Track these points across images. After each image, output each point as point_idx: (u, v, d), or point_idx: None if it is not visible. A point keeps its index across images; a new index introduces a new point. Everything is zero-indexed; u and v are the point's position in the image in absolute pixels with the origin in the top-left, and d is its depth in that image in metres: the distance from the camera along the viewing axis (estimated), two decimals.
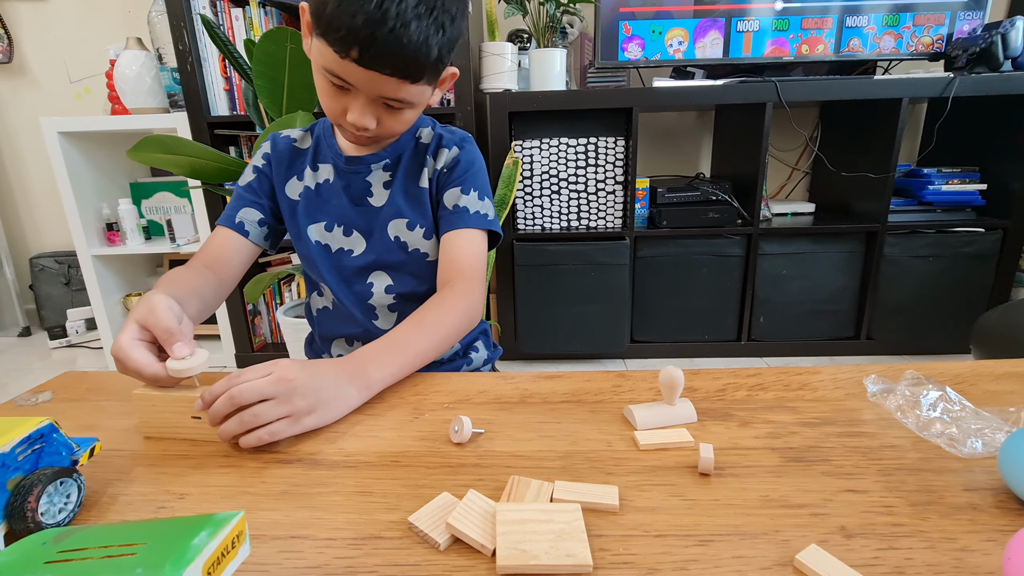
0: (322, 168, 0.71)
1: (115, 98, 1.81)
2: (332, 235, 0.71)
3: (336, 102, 0.60)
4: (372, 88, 0.57)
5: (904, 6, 1.66)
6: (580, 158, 1.70)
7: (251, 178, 0.72)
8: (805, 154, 2.07)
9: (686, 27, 1.69)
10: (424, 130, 0.73)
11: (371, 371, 0.51)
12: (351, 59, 0.54)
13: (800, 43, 1.70)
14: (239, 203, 0.71)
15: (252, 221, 0.71)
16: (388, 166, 0.71)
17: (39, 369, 1.98)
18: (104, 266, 1.91)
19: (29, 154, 2.23)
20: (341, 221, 0.71)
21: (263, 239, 0.72)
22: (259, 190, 0.72)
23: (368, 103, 0.59)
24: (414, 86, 0.58)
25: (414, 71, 0.56)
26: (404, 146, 0.71)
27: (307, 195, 0.71)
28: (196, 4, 1.62)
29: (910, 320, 1.76)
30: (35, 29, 2.10)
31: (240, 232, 0.70)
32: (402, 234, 0.70)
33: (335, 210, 0.70)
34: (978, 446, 0.39)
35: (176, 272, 0.62)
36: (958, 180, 1.71)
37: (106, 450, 0.44)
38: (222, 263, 0.68)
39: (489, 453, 0.43)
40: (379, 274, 0.72)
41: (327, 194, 0.71)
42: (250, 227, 0.70)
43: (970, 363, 0.55)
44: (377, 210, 0.70)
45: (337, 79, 0.57)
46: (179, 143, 1.25)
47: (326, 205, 0.71)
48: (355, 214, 0.71)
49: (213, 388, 0.43)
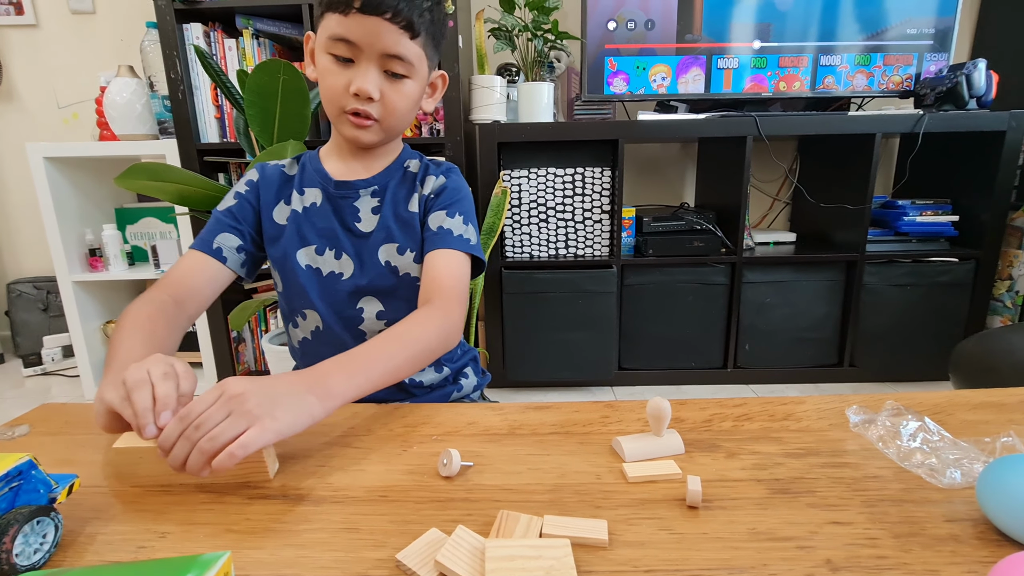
0: (309, 192, 0.71)
1: (104, 124, 1.81)
2: (323, 258, 0.71)
3: (339, 77, 0.62)
4: (375, 40, 0.60)
5: (874, 47, 1.75)
6: (567, 187, 1.73)
7: (232, 203, 0.71)
8: (785, 185, 2.13)
9: (669, 63, 1.76)
10: (412, 161, 0.75)
11: (332, 382, 0.48)
12: (355, 9, 0.58)
13: (778, 80, 1.77)
14: (217, 228, 0.69)
15: (230, 247, 0.69)
16: (376, 192, 0.71)
17: (11, 398, 1.92)
18: (84, 292, 1.88)
19: (12, 179, 2.21)
20: (332, 244, 0.70)
21: (240, 266, 0.70)
22: (240, 216, 0.71)
23: (371, 67, 0.61)
24: (412, 43, 0.62)
25: (412, 18, 0.60)
26: (392, 173, 0.72)
27: (295, 219, 0.71)
28: (189, 34, 1.64)
29: (891, 348, 1.79)
30: (26, 55, 2.10)
31: (217, 257, 0.68)
32: (392, 258, 0.70)
33: (325, 233, 0.70)
34: (957, 476, 0.40)
35: (141, 315, 0.58)
36: (931, 212, 1.77)
37: (85, 486, 0.43)
38: (192, 293, 0.65)
39: (478, 487, 0.42)
40: (370, 299, 0.72)
41: (315, 217, 0.71)
42: (228, 253, 0.69)
43: (947, 393, 0.56)
44: (366, 235, 0.71)
45: (342, 43, 0.60)
46: (167, 170, 1.25)
47: (315, 228, 0.71)
48: (345, 238, 0.71)
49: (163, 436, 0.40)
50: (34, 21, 2.06)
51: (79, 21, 2.07)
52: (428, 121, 1.73)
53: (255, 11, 1.67)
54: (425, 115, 1.73)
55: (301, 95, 1.27)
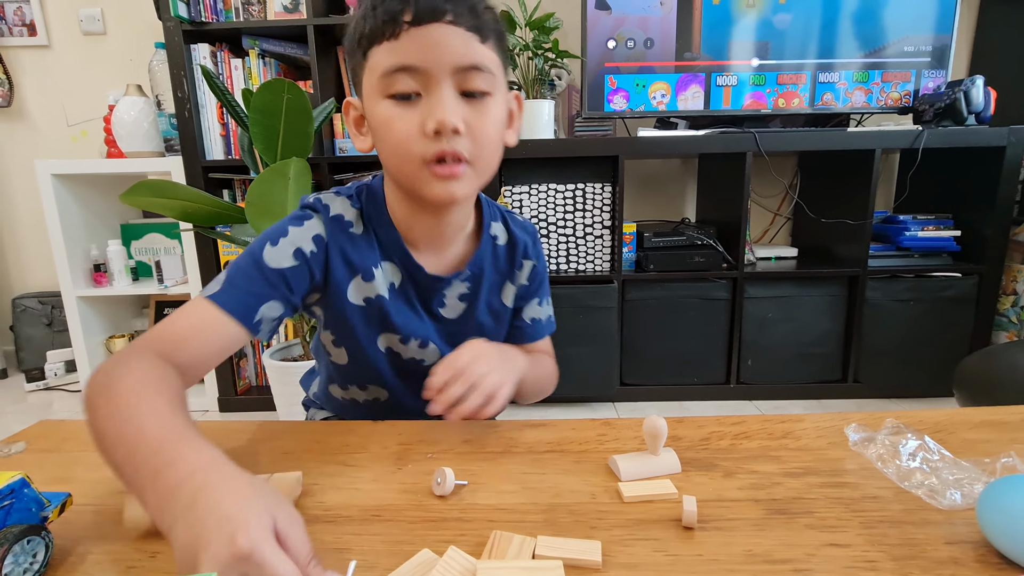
0: (387, 268, 0.60)
1: (111, 142, 1.84)
2: (407, 347, 0.63)
3: (410, 121, 0.49)
4: (442, 52, 0.47)
5: (872, 64, 1.76)
6: (568, 203, 1.74)
7: (289, 264, 0.54)
8: (786, 200, 2.14)
9: (668, 81, 1.77)
10: (495, 224, 0.65)
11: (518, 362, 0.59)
12: (406, 23, 0.47)
13: (777, 96, 1.79)
14: (262, 291, 0.52)
15: (271, 319, 0.53)
16: (468, 278, 0.63)
17: (12, 413, 1.92)
18: (88, 307, 1.89)
19: (20, 195, 2.24)
20: (418, 334, 0.62)
21: (268, 334, 0.56)
22: (295, 284, 0.54)
23: (446, 91, 0.48)
24: (484, 46, 0.49)
25: (476, 10, 0.48)
26: (484, 256, 0.63)
27: (378, 303, 0.59)
28: (197, 55, 1.67)
29: (895, 363, 1.78)
30: (37, 75, 2.15)
31: (250, 329, 0.51)
32: None
33: (409, 322, 0.61)
34: (957, 497, 0.40)
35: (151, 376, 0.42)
36: (933, 227, 1.77)
37: (78, 504, 0.43)
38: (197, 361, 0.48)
39: (472, 506, 0.42)
40: None
41: (396, 298, 0.61)
42: (265, 325, 0.53)
43: (948, 411, 0.56)
44: (451, 322, 0.64)
45: (402, 74, 0.48)
46: (172, 187, 1.27)
47: (399, 314, 0.61)
48: (430, 325, 0.63)
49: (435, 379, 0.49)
50: (46, 42, 2.10)
51: (90, 42, 2.11)
52: None
53: (261, 32, 1.70)
54: None
55: (304, 113, 1.29)
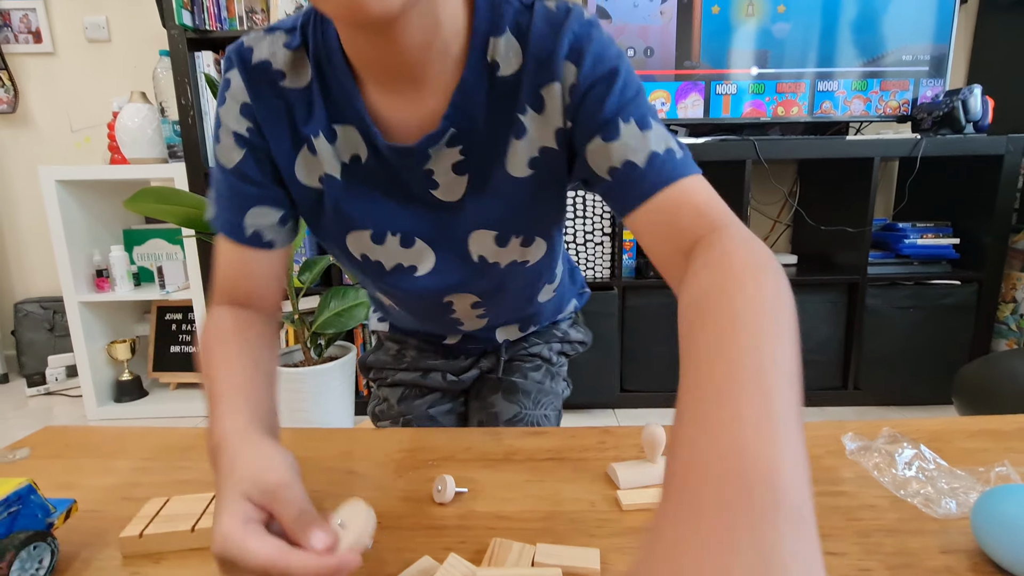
0: (344, 134, 0.44)
1: (115, 148, 1.85)
2: (384, 248, 0.48)
3: None
4: None
5: (871, 73, 1.78)
6: (568, 210, 1.75)
7: (239, 157, 0.44)
8: (786, 208, 2.15)
9: (668, 89, 1.79)
10: (499, 41, 0.41)
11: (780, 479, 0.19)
12: None
13: (776, 105, 1.80)
14: (238, 202, 0.45)
15: (271, 225, 0.46)
16: (455, 137, 0.43)
17: (13, 418, 1.92)
18: (90, 312, 1.89)
19: (23, 201, 2.26)
20: (396, 228, 0.47)
21: (290, 236, 0.48)
22: (258, 175, 0.45)
23: None
24: None
25: None
26: (471, 89, 0.41)
27: (330, 185, 0.46)
28: (200, 62, 1.69)
29: (895, 370, 1.78)
30: (42, 82, 2.16)
31: (259, 246, 0.45)
32: (489, 252, 0.48)
33: (382, 211, 0.46)
34: (952, 507, 0.40)
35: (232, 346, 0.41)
36: (932, 234, 1.78)
37: (82, 511, 0.44)
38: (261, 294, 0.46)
39: (472, 513, 0.42)
40: (460, 296, 0.53)
41: (364, 180, 0.45)
42: (271, 234, 0.46)
43: (945, 420, 0.56)
44: (448, 207, 0.46)
45: None
46: (174, 194, 1.28)
47: (365, 201, 0.46)
48: (414, 216, 0.47)
49: None
50: (51, 49, 2.12)
51: (95, 49, 2.13)
52: None
53: None
54: None
55: None
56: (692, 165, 0.41)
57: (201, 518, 0.40)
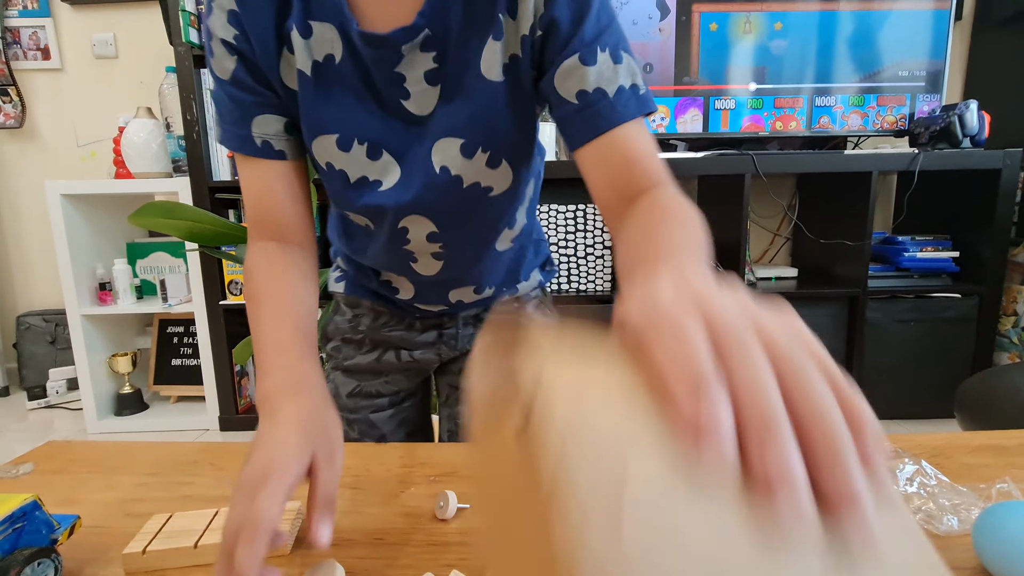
0: (319, 31, 0.44)
1: (120, 163, 1.87)
2: (350, 156, 0.47)
3: None
4: None
5: (868, 88, 1.80)
6: (569, 224, 1.76)
7: (232, 66, 0.44)
8: (785, 221, 2.16)
9: (667, 104, 1.81)
10: None
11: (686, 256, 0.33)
12: None
13: (774, 120, 1.82)
14: (241, 112, 0.46)
15: (277, 133, 0.46)
16: (429, 41, 0.43)
17: (13, 431, 1.92)
18: (92, 325, 1.90)
19: (28, 214, 2.27)
20: (363, 136, 0.46)
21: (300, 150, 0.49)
22: (253, 78, 0.45)
23: None
24: None
25: None
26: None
27: (304, 84, 0.45)
28: (206, 79, 1.71)
29: (898, 384, 1.77)
30: (49, 97, 2.19)
31: (271, 156, 0.46)
32: (452, 163, 0.46)
33: (350, 116, 0.46)
34: (954, 523, 0.40)
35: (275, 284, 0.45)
36: (931, 247, 1.79)
37: (86, 526, 0.44)
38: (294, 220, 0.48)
39: (474, 530, 0.42)
40: (417, 219, 0.50)
41: (335, 81, 0.45)
42: (279, 143, 0.46)
43: (946, 435, 0.56)
44: (418, 120, 0.46)
45: None
46: (179, 208, 1.29)
47: (334, 103, 0.45)
48: (383, 125, 0.46)
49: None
50: (59, 65, 2.16)
51: (102, 65, 2.16)
52: None
53: None
54: None
55: None
56: (650, 102, 0.44)
57: (204, 534, 0.40)
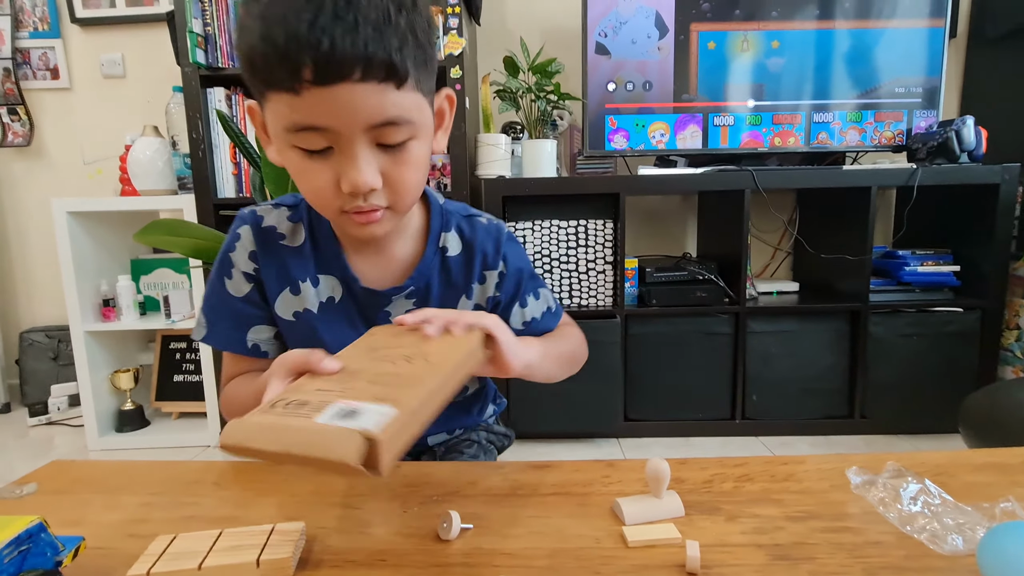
0: (325, 282, 0.60)
1: (126, 180, 1.89)
2: None
3: (322, 175, 0.46)
4: (352, 117, 0.43)
5: (865, 104, 1.82)
6: (571, 239, 1.77)
7: (248, 288, 0.60)
8: (786, 236, 2.16)
9: (667, 121, 1.83)
10: (448, 236, 0.62)
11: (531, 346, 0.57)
12: (307, 81, 0.40)
13: (773, 136, 1.84)
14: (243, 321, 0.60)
15: (268, 339, 0.62)
16: (414, 295, 0.61)
17: (14, 448, 1.91)
18: (95, 341, 1.90)
19: (34, 231, 2.29)
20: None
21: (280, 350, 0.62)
22: (261, 299, 0.61)
23: (360, 150, 0.44)
24: (401, 92, 0.44)
25: (391, 59, 0.41)
26: (430, 267, 0.61)
27: (307, 320, 0.60)
28: (212, 98, 1.74)
29: (902, 398, 1.76)
30: (57, 116, 2.23)
31: (257, 355, 0.61)
32: None
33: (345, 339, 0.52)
34: (959, 543, 0.40)
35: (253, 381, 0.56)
36: (932, 261, 1.79)
37: (90, 548, 0.44)
38: None
39: (477, 550, 0.42)
40: None
41: (334, 316, 0.61)
42: (267, 346, 0.61)
43: (950, 453, 0.56)
44: None
45: (308, 130, 0.44)
46: (183, 226, 1.30)
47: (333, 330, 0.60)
48: None
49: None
50: (68, 85, 2.19)
51: (110, 84, 2.20)
52: (435, 176, 1.80)
53: None
54: (434, 169, 1.80)
55: None
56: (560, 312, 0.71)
57: (208, 556, 0.40)
